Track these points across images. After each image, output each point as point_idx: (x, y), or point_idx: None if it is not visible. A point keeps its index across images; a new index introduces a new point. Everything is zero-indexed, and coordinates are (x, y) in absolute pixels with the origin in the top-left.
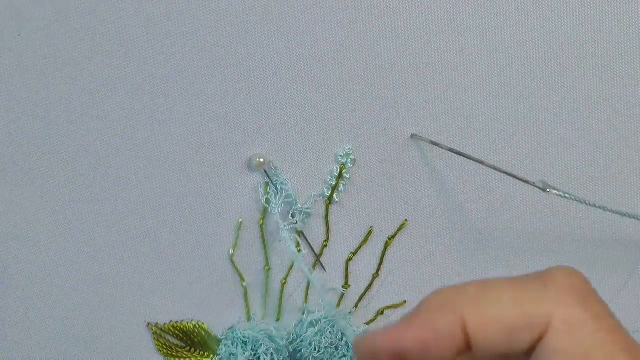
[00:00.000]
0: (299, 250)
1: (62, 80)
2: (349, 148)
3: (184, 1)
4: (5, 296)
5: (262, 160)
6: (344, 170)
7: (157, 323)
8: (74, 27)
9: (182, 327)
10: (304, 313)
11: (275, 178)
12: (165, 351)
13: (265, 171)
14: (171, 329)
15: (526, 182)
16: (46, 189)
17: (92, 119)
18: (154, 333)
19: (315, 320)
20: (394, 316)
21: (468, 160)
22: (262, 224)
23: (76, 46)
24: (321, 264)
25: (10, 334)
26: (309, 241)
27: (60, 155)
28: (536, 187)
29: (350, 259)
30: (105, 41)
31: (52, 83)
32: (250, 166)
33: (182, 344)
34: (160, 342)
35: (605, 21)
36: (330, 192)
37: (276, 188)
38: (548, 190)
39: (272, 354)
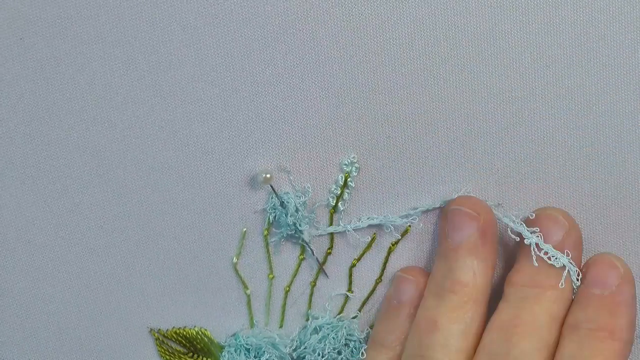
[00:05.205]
0: (303, 258)
1: (64, 85)
2: (354, 156)
3: (186, 7)
4: (4, 299)
5: (269, 176)
6: (348, 179)
7: (159, 329)
8: (76, 31)
9: (184, 333)
10: (307, 319)
11: (281, 192)
12: (167, 357)
13: (271, 186)
14: (174, 335)
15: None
16: (48, 192)
17: (94, 124)
18: (157, 339)
19: (318, 326)
20: None
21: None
22: (267, 234)
23: (78, 51)
24: (324, 272)
25: (10, 338)
26: (313, 249)
27: (62, 159)
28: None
29: (354, 265)
30: (108, 46)
31: (54, 87)
32: (257, 181)
33: (185, 350)
34: (162, 348)
35: None
36: (335, 201)
37: (282, 204)
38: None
39: None
